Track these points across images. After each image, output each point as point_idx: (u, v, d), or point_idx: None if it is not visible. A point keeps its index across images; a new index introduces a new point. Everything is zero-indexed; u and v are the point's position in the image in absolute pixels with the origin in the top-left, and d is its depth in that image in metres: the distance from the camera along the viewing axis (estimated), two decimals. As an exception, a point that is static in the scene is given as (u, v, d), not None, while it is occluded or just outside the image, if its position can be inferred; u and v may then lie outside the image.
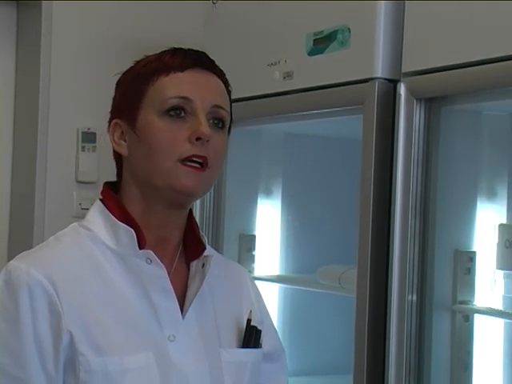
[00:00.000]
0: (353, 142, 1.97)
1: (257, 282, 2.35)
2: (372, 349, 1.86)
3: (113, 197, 1.35)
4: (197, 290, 1.33)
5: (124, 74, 1.37)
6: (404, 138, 1.82)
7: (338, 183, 2.34)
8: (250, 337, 1.37)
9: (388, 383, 1.81)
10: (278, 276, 2.39)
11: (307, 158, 2.40)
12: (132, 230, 1.30)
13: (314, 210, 2.39)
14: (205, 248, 1.37)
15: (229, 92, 1.37)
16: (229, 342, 1.36)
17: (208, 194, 2.39)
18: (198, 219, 2.39)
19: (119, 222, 1.31)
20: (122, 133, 1.34)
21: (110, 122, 1.36)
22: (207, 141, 1.29)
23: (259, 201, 2.42)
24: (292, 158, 2.41)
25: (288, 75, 2.08)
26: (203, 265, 1.35)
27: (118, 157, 1.37)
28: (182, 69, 1.32)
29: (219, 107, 1.33)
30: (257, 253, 2.38)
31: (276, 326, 2.40)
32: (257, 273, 2.38)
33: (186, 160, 1.28)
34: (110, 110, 1.38)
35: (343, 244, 2.10)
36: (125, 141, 1.34)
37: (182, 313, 1.32)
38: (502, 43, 1.62)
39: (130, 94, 1.33)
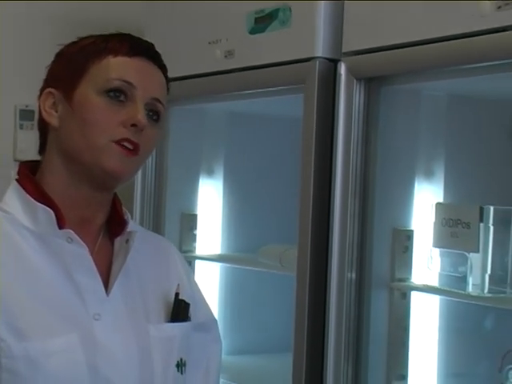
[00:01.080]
0: (294, 121, 1.99)
1: (198, 261, 2.40)
2: (312, 327, 1.90)
3: (29, 177, 1.34)
4: (121, 266, 1.34)
5: (67, 46, 1.37)
6: (344, 117, 1.85)
7: (280, 163, 2.36)
8: (179, 310, 1.39)
9: (327, 360, 1.85)
10: (219, 255, 2.41)
11: (249, 137, 2.42)
12: (50, 210, 1.30)
13: (256, 189, 2.41)
14: (127, 224, 1.37)
15: (167, 89, 1.39)
16: (157, 317, 1.37)
17: (149, 172, 2.39)
18: (138, 199, 2.40)
19: (36, 203, 1.31)
20: (54, 103, 1.34)
21: (42, 90, 1.36)
22: (141, 130, 1.30)
23: (201, 180, 2.43)
24: (234, 138, 2.43)
25: (229, 54, 2.09)
26: (127, 241, 1.35)
27: (44, 127, 1.36)
28: (130, 54, 1.33)
29: (158, 101, 1.34)
30: (198, 232, 2.39)
31: (217, 305, 2.46)
32: (198, 252, 2.39)
33: (118, 142, 1.29)
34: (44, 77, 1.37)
35: (284, 223, 2.13)
36: (56, 111, 1.33)
37: (107, 291, 1.32)
38: (439, 24, 1.66)
39: (72, 67, 1.33)
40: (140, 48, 1.34)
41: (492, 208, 1.70)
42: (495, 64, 1.57)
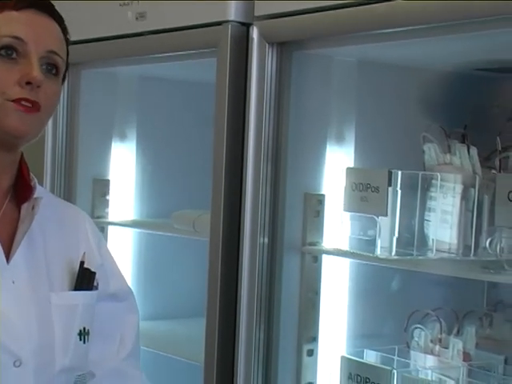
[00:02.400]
0: (208, 85, 2.01)
1: (111, 227, 2.40)
2: (224, 291, 1.93)
3: None
4: (25, 233, 1.33)
5: None
6: (256, 82, 1.87)
7: (193, 127, 2.38)
8: (83, 279, 1.39)
9: (240, 324, 1.89)
10: (132, 221, 2.42)
11: (162, 101, 2.41)
12: None
13: (169, 154, 2.42)
14: (34, 190, 1.36)
15: (66, 40, 1.35)
16: (60, 285, 1.37)
17: (60, 137, 2.38)
18: (49, 164, 2.38)
19: None
20: None
21: None
22: (38, 86, 1.27)
23: (114, 145, 2.42)
24: (147, 102, 2.42)
25: (141, 16, 2.08)
26: (34, 207, 1.34)
27: None
28: (17, 8, 1.29)
29: (54, 53, 1.31)
30: (111, 198, 2.39)
31: (131, 271, 2.47)
32: (111, 218, 2.39)
33: (15, 101, 1.27)
34: None
35: (197, 188, 2.15)
36: None
37: (9, 258, 1.31)
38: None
39: None
40: (27, 0, 1.30)
41: (400, 172, 1.75)
42: (401, 30, 1.62)
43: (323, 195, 1.94)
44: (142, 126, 2.44)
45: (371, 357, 1.87)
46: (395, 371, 1.74)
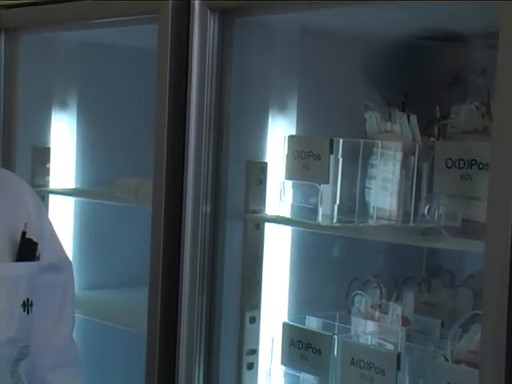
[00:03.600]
0: (149, 52, 2.01)
1: (52, 195, 2.40)
2: (167, 259, 1.95)
3: None
4: None
5: None
6: (198, 49, 1.88)
7: (135, 95, 2.37)
8: (25, 250, 1.39)
9: (182, 292, 1.92)
10: (73, 189, 2.41)
11: (103, 68, 2.40)
12: None
13: (111, 122, 2.41)
14: None
15: None
16: (2, 257, 1.37)
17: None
18: (-13, 131, 2.37)
19: None
20: None
21: None
22: None
23: (54, 112, 2.40)
24: (87, 69, 2.40)
25: (81, -20, 2.08)
26: None
27: None
28: None
29: None
30: (52, 166, 2.39)
31: (72, 240, 2.47)
32: (52, 186, 2.39)
33: None
34: None
35: (139, 156, 2.16)
36: None
37: None
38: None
39: None
40: None
41: (341, 140, 1.78)
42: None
43: (266, 163, 1.96)
44: (83, 93, 2.43)
45: (313, 323, 1.91)
46: (336, 337, 1.79)
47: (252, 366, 1.94)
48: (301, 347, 1.84)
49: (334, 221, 1.79)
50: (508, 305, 1.34)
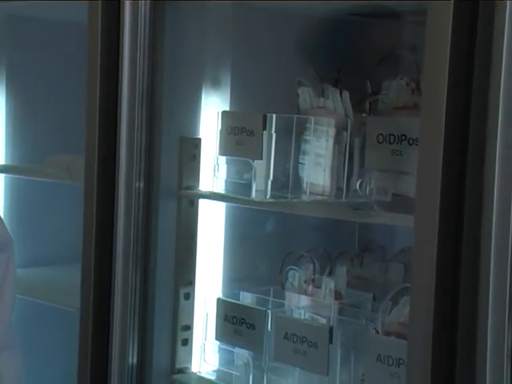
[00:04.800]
0: (81, 26, 1.99)
1: (-19, 173, 2.37)
2: (100, 237, 1.94)
3: None
4: None
5: None
6: (130, 24, 1.87)
7: (66, 70, 2.35)
8: None
9: (116, 269, 1.92)
10: (3, 166, 2.38)
11: (34, 42, 2.37)
12: None
13: (42, 97, 2.39)
14: None
15: None
16: None
17: None
18: None
19: None
20: None
21: None
22: None
23: (-18, 88, 2.39)
24: (17, 43, 2.38)
25: (8, -48, 2.05)
26: None
27: None
28: None
29: None
30: (-19, 142, 2.37)
31: (3, 217, 2.43)
32: (-19, 163, 2.37)
33: None
34: None
35: (71, 132, 2.15)
36: None
37: None
38: None
39: None
40: None
41: (274, 116, 1.80)
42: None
43: (199, 139, 1.97)
44: (12, 67, 2.40)
45: (247, 298, 1.93)
46: (269, 311, 1.82)
47: (186, 342, 1.96)
48: (235, 322, 1.86)
49: (268, 196, 1.81)
50: (436, 278, 1.38)
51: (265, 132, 1.80)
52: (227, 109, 1.98)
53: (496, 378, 1.32)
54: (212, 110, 1.96)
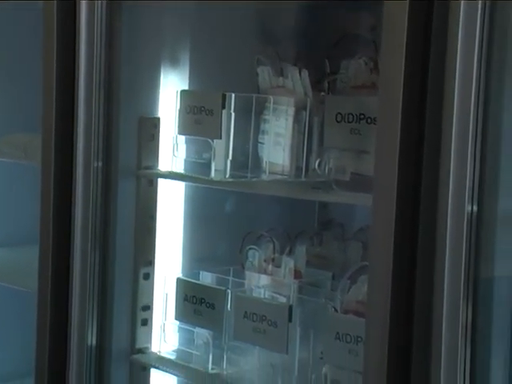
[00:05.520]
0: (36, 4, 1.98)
1: None
2: (58, 217, 1.94)
3: None
4: None
5: None
6: (87, 5, 1.87)
7: (22, 48, 2.33)
8: None
9: (74, 249, 1.91)
10: (-41, 146, 2.38)
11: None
12: None
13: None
14: None
15: None
16: None
17: None
18: None
19: None
20: None
21: None
22: None
23: None
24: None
25: None
26: None
27: None
28: None
29: None
30: None
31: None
32: None
33: None
34: None
35: (28, 112, 2.13)
36: None
37: None
38: None
39: None
40: None
41: (233, 95, 1.80)
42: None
43: (158, 118, 1.97)
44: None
45: (207, 278, 1.95)
46: (229, 291, 1.83)
47: (146, 322, 1.97)
48: (195, 302, 1.87)
49: (227, 176, 1.82)
50: (393, 256, 1.40)
51: (224, 111, 1.80)
52: (186, 88, 1.98)
53: (451, 353, 1.35)
54: (171, 90, 1.96)
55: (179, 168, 1.91)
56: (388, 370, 1.41)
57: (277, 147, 1.83)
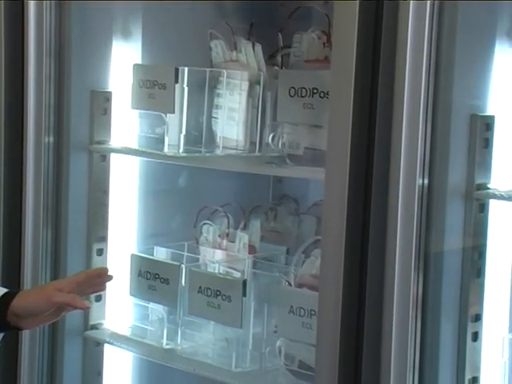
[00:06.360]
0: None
1: None
2: (8, 194, 1.93)
3: None
4: None
5: None
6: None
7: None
8: None
9: (26, 225, 1.90)
10: None
11: None
12: None
13: None
14: None
15: None
16: None
17: None
18: None
19: None
20: None
21: None
22: None
23: None
24: None
25: None
26: None
27: None
28: None
29: None
30: None
31: None
32: None
33: None
34: None
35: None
36: None
37: None
38: None
39: None
40: None
41: (186, 69, 1.80)
42: None
43: (110, 92, 1.97)
44: None
45: (161, 254, 1.96)
46: (183, 266, 1.84)
47: (100, 298, 1.98)
48: (149, 278, 1.88)
49: (181, 151, 1.82)
50: (346, 230, 1.43)
51: (177, 85, 1.81)
52: (139, 61, 1.98)
53: (403, 325, 1.38)
54: (124, 64, 1.95)
55: (133, 143, 1.91)
56: (341, 342, 1.43)
57: (231, 122, 1.84)
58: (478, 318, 1.46)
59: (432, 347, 1.41)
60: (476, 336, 1.46)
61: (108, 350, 1.99)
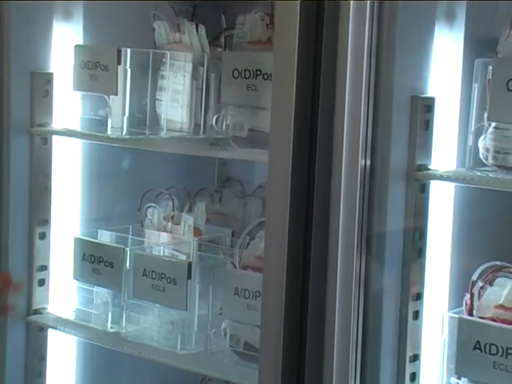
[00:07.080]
0: None
1: None
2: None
3: None
4: None
5: None
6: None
7: None
8: None
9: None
10: None
11: None
12: None
13: None
14: None
15: None
16: None
17: None
18: None
19: None
20: None
21: None
22: None
23: None
24: None
25: None
26: None
27: None
28: None
29: None
30: None
31: None
32: None
33: None
34: None
35: None
36: None
37: None
38: None
39: None
40: None
41: (129, 50, 1.80)
42: None
43: (51, 74, 1.96)
44: None
45: (106, 237, 1.96)
46: (128, 249, 1.85)
47: (43, 283, 1.98)
48: (93, 261, 1.89)
49: (124, 133, 1.83)
50: (289, 211, 1.45)
51: (120, 67, 1.81)
52: (80, 42, 1.97)
53: (345, 306, 1.41)
54: (65, 45, 1.95)
55: (75, 125, 1.91)
56: (285, 323, 1.46)
57: (174, 104, 1.85)
58: (418, 296, 1.50)
59: (374, 325, 1.44)
60: (417, 314, 1.50)
61: (52, 334, 1.99)
